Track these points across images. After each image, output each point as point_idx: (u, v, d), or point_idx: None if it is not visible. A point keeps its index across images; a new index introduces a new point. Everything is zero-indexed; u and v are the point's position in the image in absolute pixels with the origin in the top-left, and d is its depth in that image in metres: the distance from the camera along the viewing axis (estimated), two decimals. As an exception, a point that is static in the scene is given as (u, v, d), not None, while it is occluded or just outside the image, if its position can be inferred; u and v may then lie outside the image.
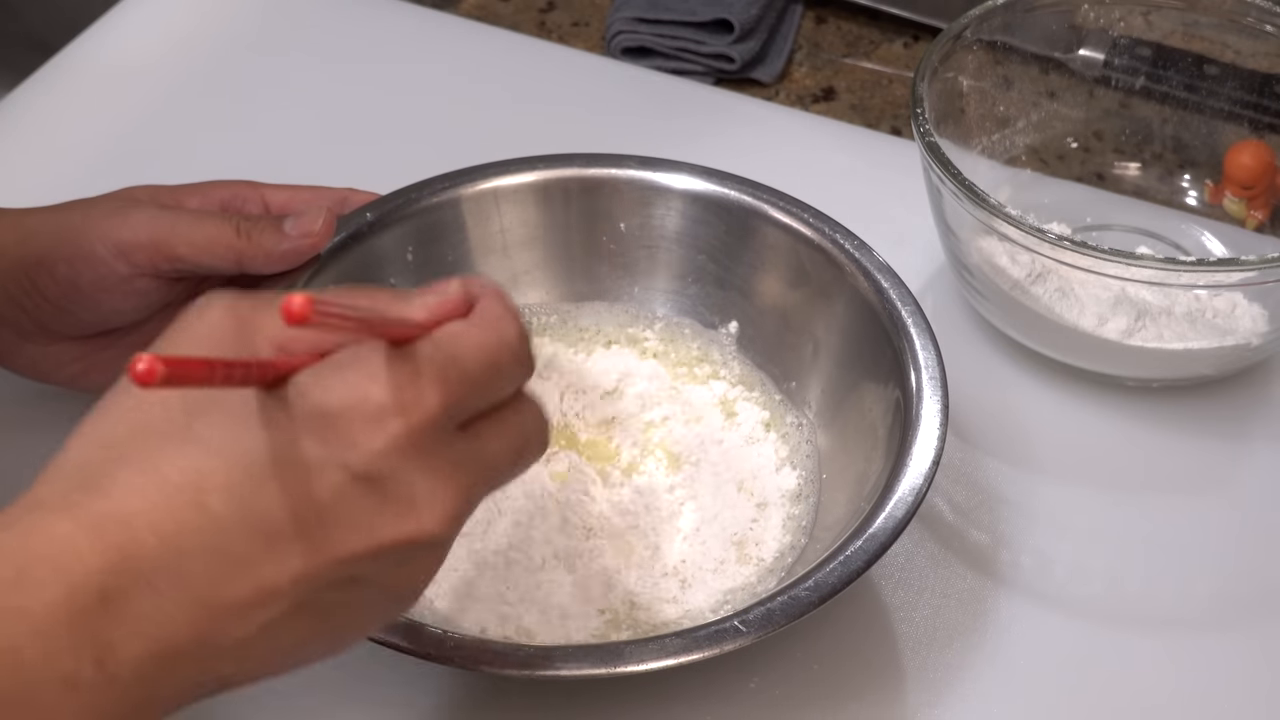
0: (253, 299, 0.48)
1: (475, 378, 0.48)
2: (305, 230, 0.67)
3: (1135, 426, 0.76)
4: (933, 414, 0.64)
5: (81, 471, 0.45)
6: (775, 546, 0.67)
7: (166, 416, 0.45)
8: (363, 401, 0.46)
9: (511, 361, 0.50)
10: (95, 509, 0.44)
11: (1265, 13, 0.82)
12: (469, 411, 0.49)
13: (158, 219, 0.66)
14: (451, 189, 0.74)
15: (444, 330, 0.49)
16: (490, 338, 0.49)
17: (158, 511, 0.44)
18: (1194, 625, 0.70)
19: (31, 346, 0.69)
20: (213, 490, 0.44)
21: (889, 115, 0.95)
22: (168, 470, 0.44)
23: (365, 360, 0.46)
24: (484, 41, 0.97)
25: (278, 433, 0.45)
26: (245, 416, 0.45)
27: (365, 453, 0.45)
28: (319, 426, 0.45)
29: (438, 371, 0.47)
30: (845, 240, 0.71)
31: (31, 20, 1.19)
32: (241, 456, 0.45)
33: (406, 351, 0.47)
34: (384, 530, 0.46)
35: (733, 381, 0.73)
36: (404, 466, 0.46)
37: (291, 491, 0.45)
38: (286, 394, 0.46)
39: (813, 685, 0.65)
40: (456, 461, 0.48)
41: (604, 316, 0.76)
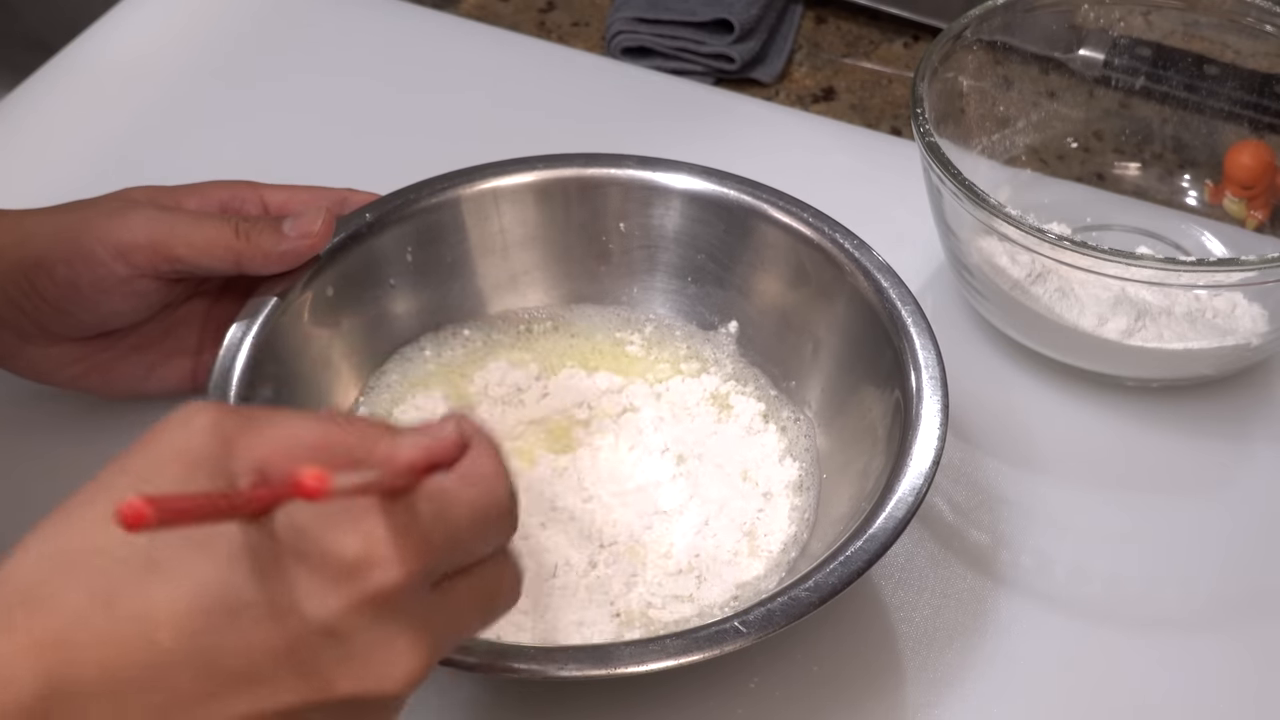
0: (239, 416, 0.46)
1: (460, 539, 0.47)
2: (304, 231, 0.67)
3: (1135, 426, 0.76)
4: (933, 414, 0.64)
5: (28, 588, 0.42)
6: (781, 538, 0.67)
7: (125, 538, 0.42)
8: (341, 554, 0.44)
9: (497, 520, 0.49)
10: (36, 629, 0.41)
11: (1265, 13, 0.82)
12: (447, 569, 0.47)
13: (156, 220, 0.66)
14: (451, 189, 0.74)
15: (436, 486, 0.47)
16: (480, 498, 0.47)
17: (103, 640, 0.41)
18: (1193, 625, 0.70)
19: (31, 348, 0.69)
20: (166, 626, 0.42)
21: (889, 115, 0.95)
22: (121, 599, 0.42)
23: (353, 509, 0.44)
24: (484, 41, 0.97)
25: (245, 572, 0.43)
26: (211, 550, 0.43)
27: (335, 605, 0.44)
28: (290, 571, 0.44)
29: (423, 532, 0.45)
30: (845, 240, 0.71)
31: (31, 20, 1.19)
32: (200, 592, 0.42)
33: (395, 508, 0.45)
34: (339, 685, 0.44)
35: (724, 377, 0.73)
36: (372, 625, 0.44)
37: (249, 635, 0.43)
38: (263, 530, 0.44)
39: (813, 685, 0.65)
40: (426, 624, 0.46)
41: (595, 320, 0.76)
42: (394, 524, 0.45)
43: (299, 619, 0.43)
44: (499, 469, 0.49)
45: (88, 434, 0.73)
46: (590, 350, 0.75)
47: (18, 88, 0.93)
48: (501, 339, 0.75)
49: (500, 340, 0.75)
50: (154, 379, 0.72)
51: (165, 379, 0.72)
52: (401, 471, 0.46)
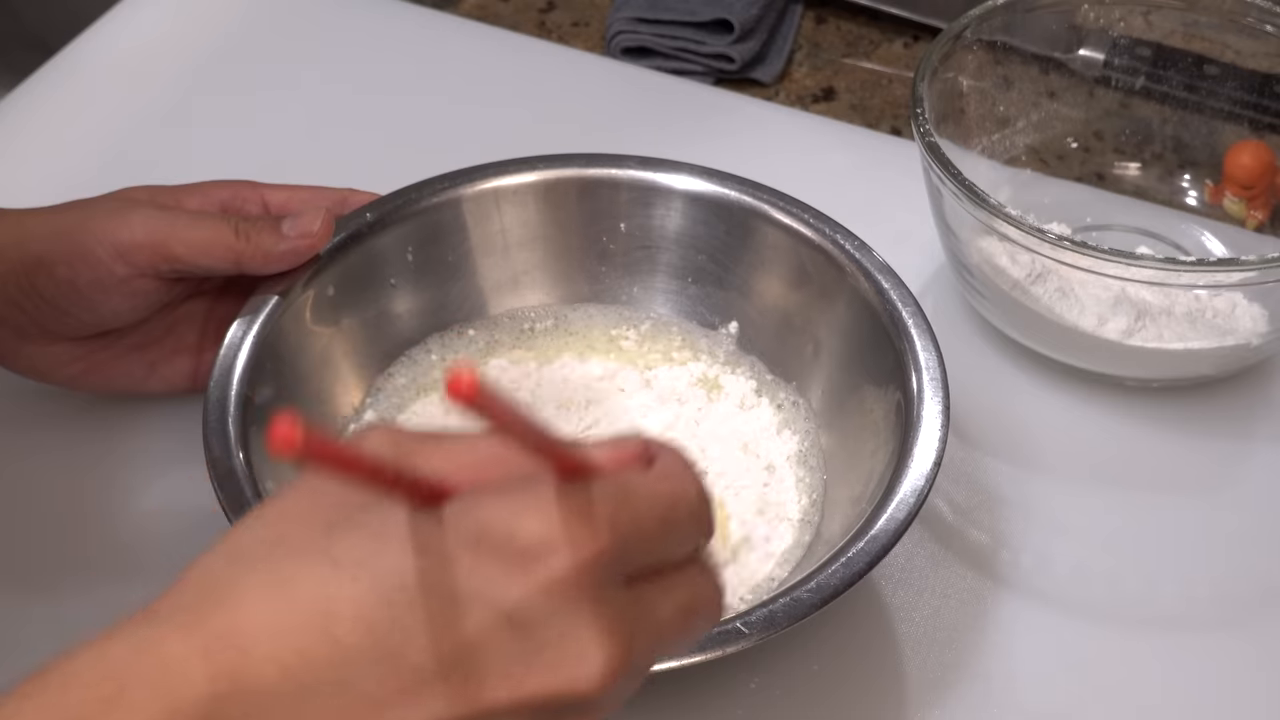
0: (419, 434, 0.44)
1: (648, 528, 0.43)
2: (304, 231, 0.67)
3: (1135, 426, 0.76)
4: (934, 415, 0.64)
5: (204, 585, 0.41)
6: (796, 508, 0.67)
7: (304, 533, 0.41)
8: (524, 533, 0.41)
9: (688, 518, 0.45)
10: (211, 628, 0.40)
11: (1265, 13, 0.82)
12: (637, 565, 0.44)
13: (156, 220, 0.66)
14: (451, 189, 0.74)
15: (622, 476, 0.44)
16: (668, 489, 0.44)
17: (280, 638, 0.39)
18: (1194, 625, 0.70)
19: (30, 347, 0.69)
20: (345, 619, 0.40)
21: (889, 115, 0.95)
22: (297, 592, 0.40)
23: (531, 489, 0.42)
24: (484, 41, 0.97)
25: (424, 560, 0.41)
26: (390, 540, 0.41)
27: (521, 591, 0.41)
28: (471, 556, 0.41)
29: (609, 513, 0.42)
30: (845, 240, 0.71)
31: (31, 20, 1.19)
32: (381, 584, 0.40)
33: (577, 488, 0.42)
34: (533, 681, 0.41)
35: (713, 363, 0.74)
36: (562, 612, 0.41)
37: (433, 628, 0.40)
38: (439, 517, 0.41)
39: (813, 685, 0.65)
40: (618, 616, 0.42)
41: (596, 319, 0.76)
42: (574, 506, 0.42)
43: (481, 608, 0.41)
44: (688, 470, 0.46)
45: (88, 433, 0.73)
46: (585, 346, 0.75)
47: (18, 88, 0.93)
48: (504, 339, 0.75)
49: (502, 340, 0.75)
50: (154, 378, 0.72)
51: (166, 378, 0.72)
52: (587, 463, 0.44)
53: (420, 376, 0.73)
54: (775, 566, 0.66)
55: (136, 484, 0.71)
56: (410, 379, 0.73)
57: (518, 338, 0.75)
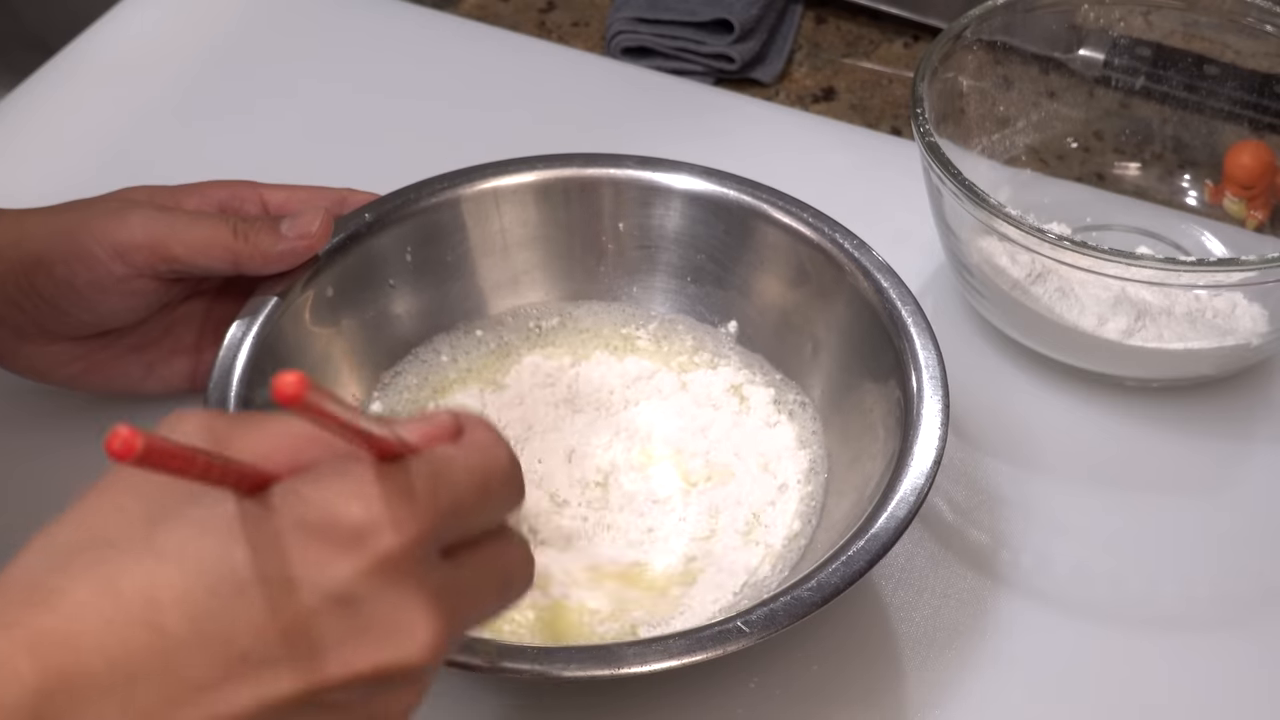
0: (230, 417, 0.46)
1: (464, 501, 0.46)
2: (302, 232, 0.67)
3: (1135, 426, 0.76)
4: (933, 414, 0.64)
5: (28, 584, 0.41)
6: (784, 532, 0.67)
7: (125, 525, 0.42)
8: (345, 517, 0.43)
9: (501, 487, 0.48)
10: (37, 626, 0.40)
11: (1265, 13, 0.82)
12: (454, 537, 0.47)
13: (155, 220, 0.66)
14: (451, 189, 0.74)
15: (436, 452, 0.46)
16: (481, 460, 0.47)
17: (107, 631, 0.40)
18: (1194, 625, 0.70)
19: (30, 347, 0.69)
20: (170, 607, 0.41)
21: (889, 115, 0.95)
22: (121, 584, 0.41)
23: (348, 474, 0.44)
24: (484, 41, 0.97)
25: (248, 547, 0.42)
26: (212, 528, 0.42)
27: (344, 573, 0.43)
28: (294, 541, 0.42)
29: (427, 491, 0.45)
30: (845, 240, 0.71)
31: (31, 20, 1.19)
32: (205, 571, 0.41)
33: (396, 468, 0.44)
34: (360, 657, 0.43)
35: (736, 366, 0.74)
36: (381, 591, 0.43)
37: (258, 612, 0.42)
38: (261, 504, 0.43)
39: (813, 685, 0.65)
40: (440, 588, 0.45)
41: (602, 317, 0.76)
42: (393, 487, 0.44)
43: (308, 591, 0.42)
44: (498, 440, 0.48)
45: (87, 433, 0.73)
46: (601, 343, 0.75)
47: (18, 88, 0.93)
48: (513, 338, 0.75)
49: (512, 340, 0.75)
50: (153, 378, 0.72)
51: (164, 378, 0.72)
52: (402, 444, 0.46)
53: (431, 375, 0.73)
54: (731, 595, 0.65)
55: (136, 484, 0.71)
56: (422, 378, 0.73)
57: (526, 336, 0.75)
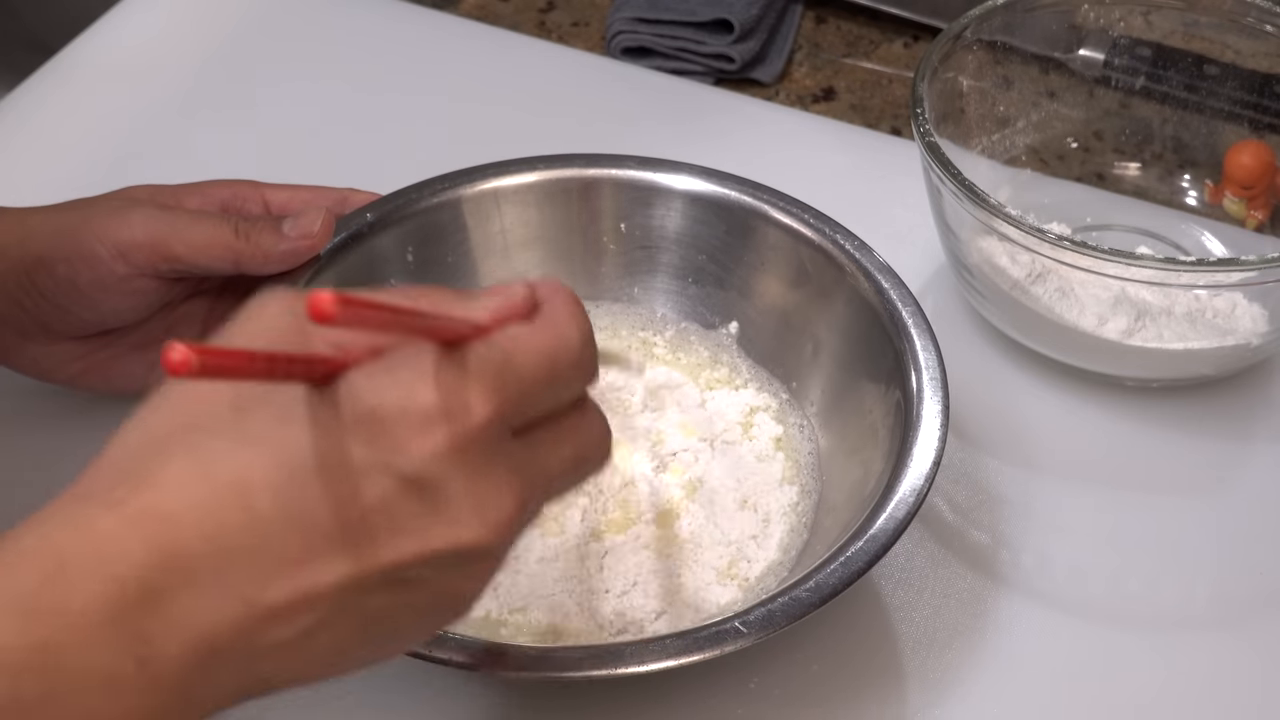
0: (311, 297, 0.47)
1: (531, 383, 0.47)
2: (304, 232, 0.67)
3: (1135, 426, 0.76)
4: (933, 414, 0.64)
5: (127, 466, 0.44)
6: (762, 566, 0.67)
7: (213, 412, 0.44)
8: (412, 404, 0.44)
9: (571, 367, 0.48)
10: (140, 504, 0.43)
11: (1265, 13, 0.82)
12: (525, 417, 0.47)
13: (156, 219, 0.66)
14: (451, 189, 0.74)
15: (502, 332, 0.47)
16: (549, 342, 0.48)
17: (203, 509, 0.42)
18: (1193, 625, 0.70)
19: (32, 346, 0.69)
20: (259, 489, 0.43)
21: (889, 115, 0.95)
22: (214, 467, 0.43)
23: (417, 361, 0.45)
24: (484, 41, 0.97)
25: (325, 433, 0.44)
26: (293, 414, 0.44)
27: (414, 457, 0.44)
28: (367, 428, 0.44)
29: (491, 375, 0.46)
30: (845, 240, 0.71)
31: (31, 20, 1.19)
32: (288, 456, 0.43)
33: (460, 353, 0.46)
34: (433, 537, 0.45)
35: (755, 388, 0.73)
36: (455, 472, 0.45)
37: (338, 494, 0.43)
38: (335, 393, 0.44)
39: (813, 685, 0.65)
40: (511, 469, 0.46)
41: (620, 319, 0.76)
42: (463, 371, 0.45)
43: (384, 473, 0.44)
44: (572, 316, 0.49)
45: (89, 431, 0.73)
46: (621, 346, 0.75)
47: (18, 88, 0.93)
48: None
49: None
50: (155, 377, 0.71)
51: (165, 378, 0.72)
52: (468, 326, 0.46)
53: None
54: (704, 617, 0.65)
55: (136, 484, 0.71)
56: None
57: None
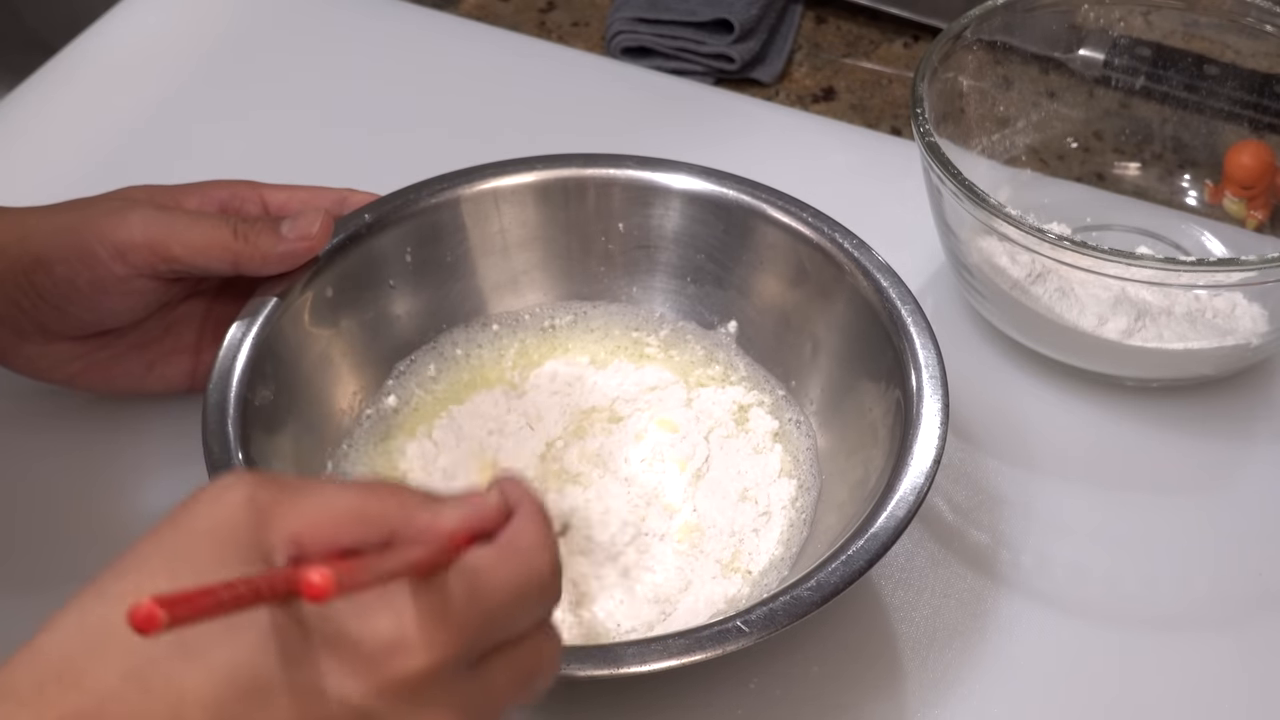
0: (274, 487, 0.45)
1: (497, 617, 0.46)
2: (302, 233, 0.67)
3: (1135, 426, 0.76)
4: (933, 414, 0.64)
5: (60, 660, 0.42)
6: (765, 560, 0.67)
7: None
8: (375, 637, 0.43)
9: (538, 596, 0.47)
10: (66, 706, 0.41)
11: (1265, 13, 0.82)
12: (485, 648, 0.47)
13: (155, 219, 0.66)
14: (451, 189, 0.74)
15: (472, 561, 0.46)
16: (519, 573, 0.47)
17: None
18: (1193, 625, 0.70)
19: (30, 346, 0.69)
20: (194, 707, 0.41)
21: (889, 115, 0.95)
22: (154, 680, 0.41)
23: (385, 594, 0.44)
24: (484, 41, 0.97)
25: (279, 655, 0.42)
26: (241, 633, 0.42)
27: (364, 691, 0.43)
28: (323, 656, 0.43)
29: (459, 612, 0.45)
30: (845, 240, 0.71)
31: (31, 20, 1.19)
32: (232, 676, 0.42)
33: (430, 588, 0.44)
34: None
35: (747, 385, 0.73)
36: (404, 710, 0.44)
37: (277, 718, 0.42)
38: (292, 614, 0.43)
39: (813, 685, 0.65)
40: (462, 706, 0.45)
41: (615, 318, 0.76)
42: (427, 606, 0.44)
43: (330, 704, 0.43)
44: (541, 539, 0.48)
45: (88, 433, 0.73)
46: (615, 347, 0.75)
47: (18, 88, 0.93)
48: (527, 335, 0.75)
49: (527, 338, 0.75)
50: (153, 377, 0.72)
51: (165, 377, 0.72)
52: (441, 543, 0.45)
53: (447, 370, 0.73)
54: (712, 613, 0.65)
55: (136, 484, 0.71)
56: (439, 370, 0.73)
57: (541, 334, 0.75)
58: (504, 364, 0.74)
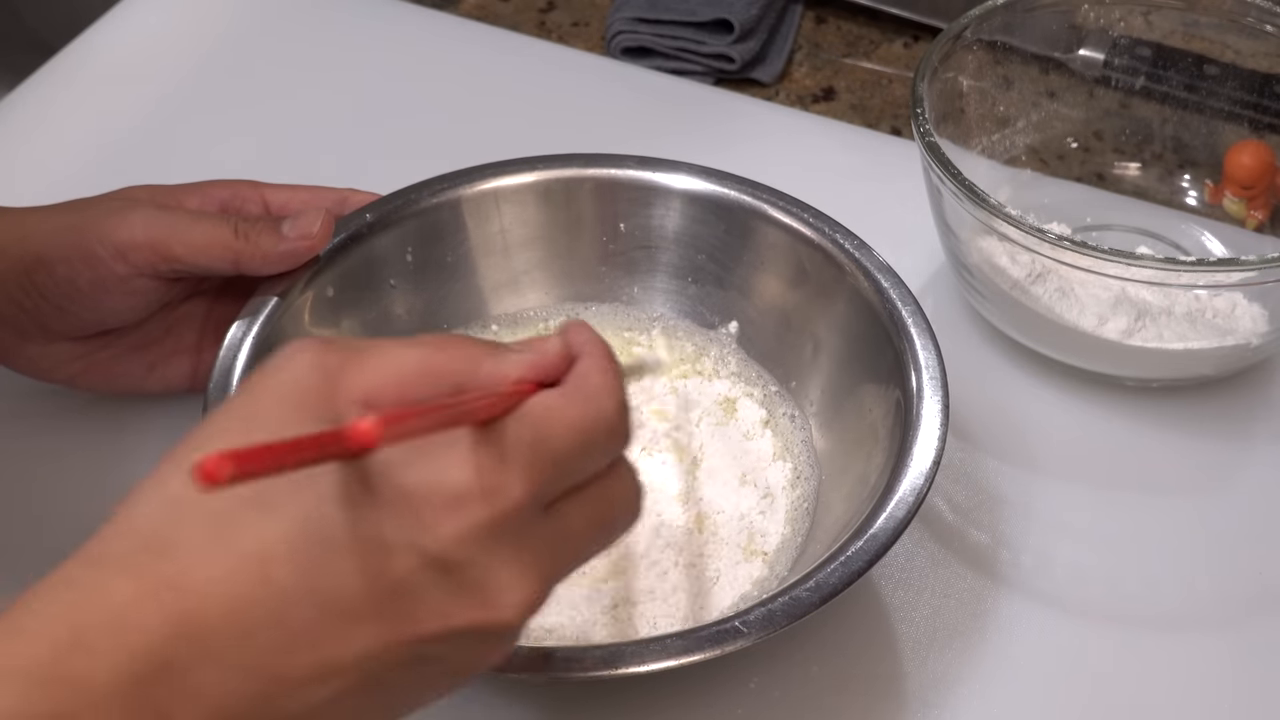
0: (341, 350, 0.46)
1: (565, 459, 0.46)
2: (303, 232, 0.67)
3: (1135, 426, 0.76)
4: (933, 414, 0.64)
5: (145, 531, 0.43)
6: (777, 539, 0.67)
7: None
8: (444, 484, 0.44)
9: (606, 439, 0.48)
10: (159, 573, 0.42)
11: (1265, 13, 0.82)
12: (556, 491, 0.47)
13: (156, 219, 0.66)
14: (451, 189, 0.74)
15: (537, 405, 0.46)
16: (585, 415, 0.47)
17: (223, 580, 0.42)
18: (1193, 625, 0.70)
19: (31, 346, 0.69)
20: (281, 562, 0.42)
21: (889, 115, 0.95)
22: (236, 537, 0.42)
23: (451, 442, 0.44)
24: (484, 41, 0.97)
25: (353, 508, 0.43)
26: (321, 488, 0.43)
27: (443, 537, 0.44)
28: (397, 506, 0.44)
29: (526, 456, 0.45)
30: (845, 240, 0.71)
31: (31, 20, 1.19)
32: (314, 529, 0.42)
33: (495, 433, 0.45)
34: (456, 617, 0.44)
35: (734, 379, 0.73)
36: (482, 554, 0.44)
37: (363, 570, 0.43)
38: (368, 469, 0.44)
39: (813, 685, 0.65)
40: (538, 549, 0.46)
41: (607, 319, 0.76)
42: (491, 452, 0.44)
43: (408, 553, 0.43)
44: (607, 382, 0.48)
45: (88, 433, 0.73)
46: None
47: (18, 88, 0.93)
48: (528, 335, 0.75)
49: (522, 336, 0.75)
50: (154, 377, 0.72)
51: (166, 377, 0.72)
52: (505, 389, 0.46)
53: None
54: (739, 597, 0.65)
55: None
56: None
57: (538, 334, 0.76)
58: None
